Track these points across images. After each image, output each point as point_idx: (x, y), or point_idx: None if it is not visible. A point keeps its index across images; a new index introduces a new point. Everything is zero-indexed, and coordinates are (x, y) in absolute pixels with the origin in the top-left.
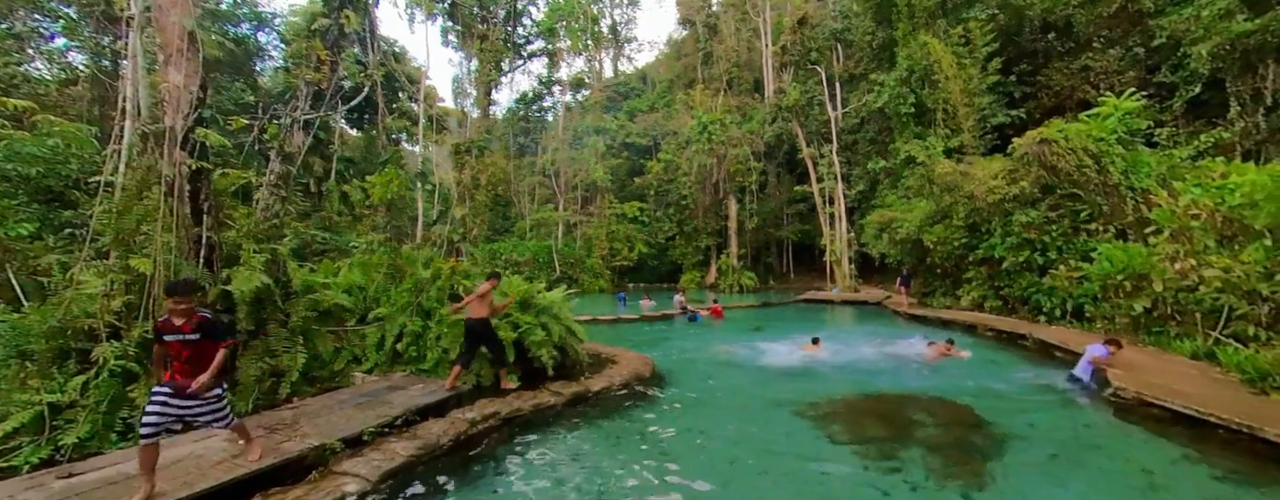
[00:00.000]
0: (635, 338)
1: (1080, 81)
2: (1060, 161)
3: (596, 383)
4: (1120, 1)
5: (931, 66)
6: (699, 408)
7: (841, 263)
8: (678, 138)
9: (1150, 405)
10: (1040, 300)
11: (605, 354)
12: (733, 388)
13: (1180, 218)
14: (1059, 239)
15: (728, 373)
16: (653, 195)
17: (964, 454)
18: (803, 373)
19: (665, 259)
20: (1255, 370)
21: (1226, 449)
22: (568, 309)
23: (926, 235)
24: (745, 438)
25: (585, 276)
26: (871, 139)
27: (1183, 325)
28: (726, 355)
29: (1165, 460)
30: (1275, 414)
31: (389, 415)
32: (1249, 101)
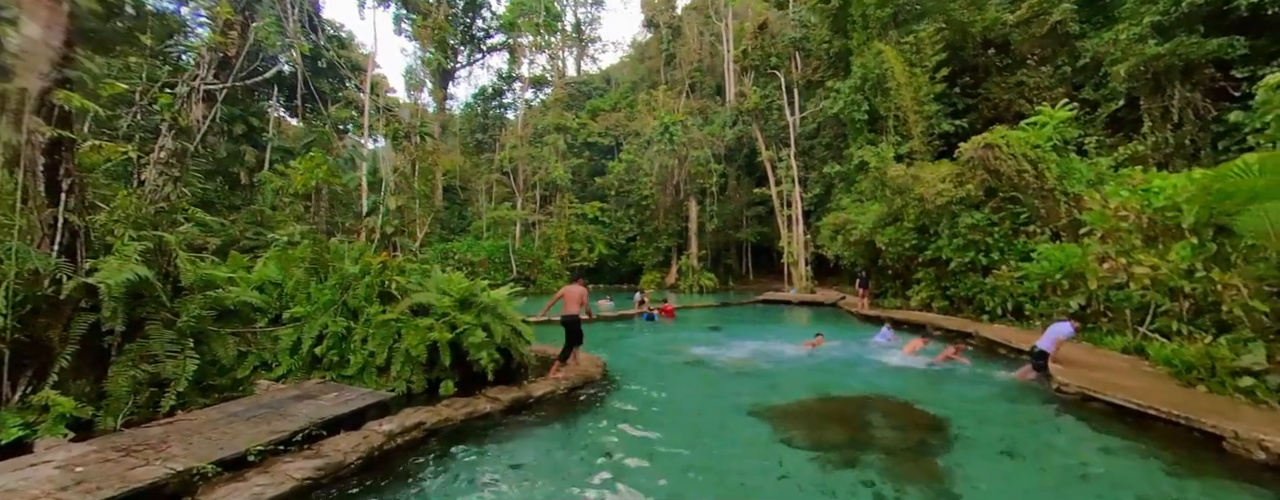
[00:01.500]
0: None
1: (1016, 95)
2: (1002, 166)
3: (540, 386)
4: (1051, 23)
5: (884, 75)
6: (651, 412)
7: (798, 264)
8: (640, 138)
9: (1092, 400)
10: (984, 299)
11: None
12: (687, 390)
13: (1110, 219)
14: (1001, 240)
15: (682, 374)
16: (614, 195)
17: (921, 456)
18: (758, 374)
19: (626, 260)
20: (1182, 363)
21: (1167, 441)
22: (513, 308)
23: (879, 237)
24: (700, 444)
25: (543, 277)
26: (827, 144)
27: (1114, 321)
28: (683, 356)
29: (1108, 454)
30: (1207, 405)
31: (287, 430)
32: (1159, 118)
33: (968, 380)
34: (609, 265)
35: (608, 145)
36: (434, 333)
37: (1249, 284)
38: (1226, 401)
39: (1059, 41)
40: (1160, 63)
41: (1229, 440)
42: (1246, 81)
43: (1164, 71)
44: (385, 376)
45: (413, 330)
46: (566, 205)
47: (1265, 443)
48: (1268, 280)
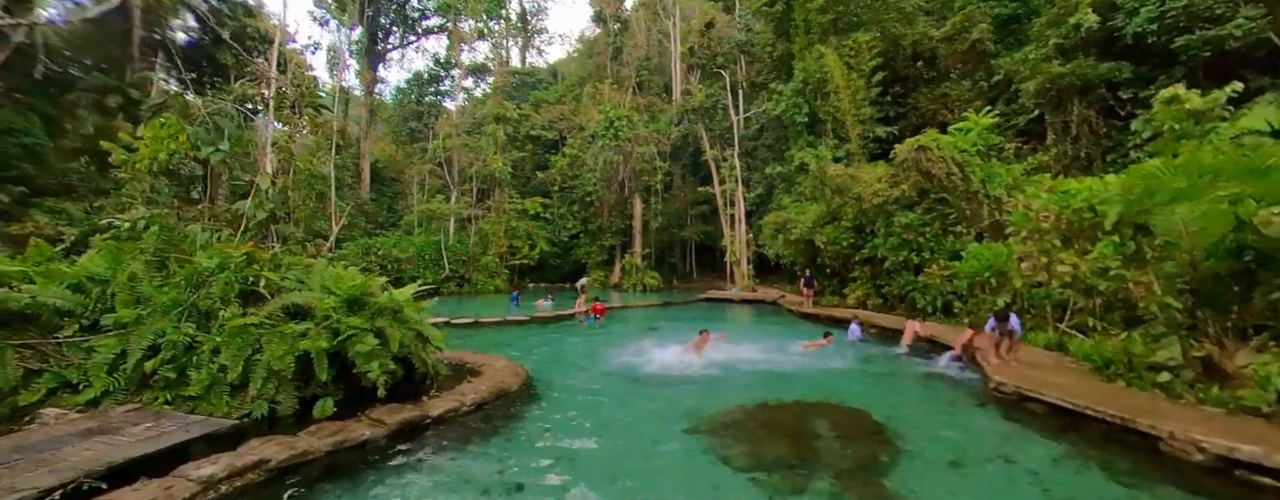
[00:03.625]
0: (522, 342)
1: (940, 106)
2: (934, 168)
3: (442, 403)
4: (971, 41)
5: (824, 78)
6: (575, 430)
7: (740, 263)
8: (584, 133)
9: (1028, 399)
10: (916, 297)
11: (472, 363)
12: (619, 400)
13: (1032, 221)
14: (932, 240)
15: (616, 382)
16: (557, 191)
17: (870, 475)
18: (697, 379)
19: (569, 258)
20: (1101, 358)
21: (1105, 443)
22: (417, 309)
23: (818, 236)
24: (629, 470)
25: (479, 275)
26: (769, 146)
27: (1036, 318)
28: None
29: (1051, 460)
30: (1137, 403)
31: (38, 486)
32: (1061, 131)
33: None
34: (551, 263)
35: (552, 139)
36: (308, 340)
37: (1163, 281)
38: (1147, 397)
39: (978, 58)
40: (1062, 81)
41: (1166, 441)
42: (1130, 101)
43: (1065, 90)
44: (241, 396)
45: (278, 338)
46: (506, 200)
47: (1202, 444)
48: (1180, 278)
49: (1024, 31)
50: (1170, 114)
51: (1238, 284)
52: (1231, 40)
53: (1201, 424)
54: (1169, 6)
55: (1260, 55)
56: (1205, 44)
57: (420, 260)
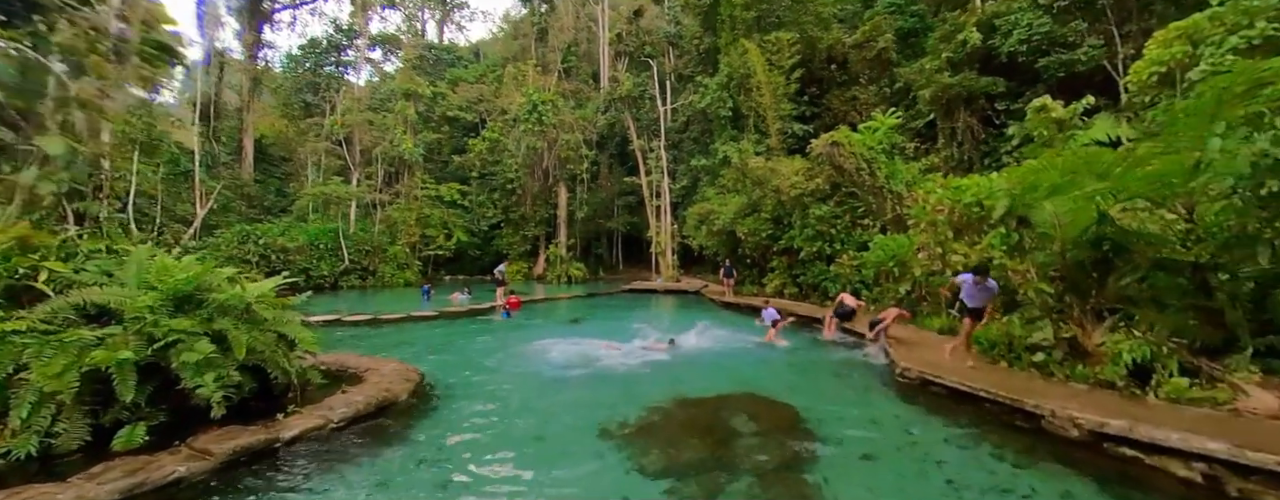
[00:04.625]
0: (427, 340)
1: (850, 108)
2: (845, 163)
3: (301, 421)
4: (877, 49)
5: (748, 74)
6: (471, 445)
7: (666, 254)
8: (506, 116)
9: (931, 384)
10: (828, 286)
11: (355, 369)
12: (527, 405)
13: (929, 214)
14: (842, 232)
15: (526, 383)
16: (476, 177)
17: (789, 472)
18: (615, 375)
19: (489, 248)
20: (987, 341)
21: (997, 423)
22: (280, 306)
23: (739, 227)
24: (532, 489)
25: (386, 267)
26: (695, 138)
27: (932, 304)
28: (533, 358)
29: (954, 445)
30: (1018, 383)
31: None
32: (949, 136)
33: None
34: (470, 254)
35: (471, 122)
36: (102, 351)
37: (1037, 269)
38: (1026, 376)
39: (883, 66)
40: (951, 91)
41: (1047, 418)
42: (1005, 112)
43: (953, 99)
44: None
45: (56, 350)
46: (418, 185)
47: (1078, 420)
48: (1052, 266)
49: (922, 44)
50: (1039, 121)
51: (1096, 271)
52: (1078, 64)
53: (1073, 400)
54: (1034, 31)
55: (1099, 79)
56: (1060, 66)
57: (313, 250)
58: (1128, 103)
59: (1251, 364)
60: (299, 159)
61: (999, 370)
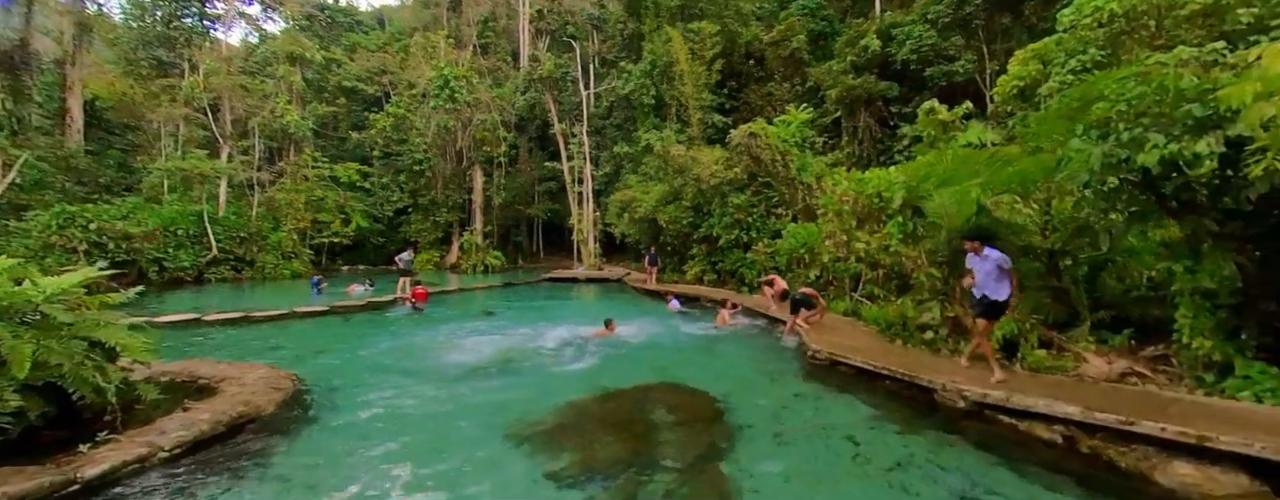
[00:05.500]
0: (313, 339)
1: (766, 103)
2: (762, 153)
3: (115, 452)
4: (791, 49)
5: (671, 62)
6: (355, 463)
7: (588, 242)
8: (414, 91)
9: (839, 364)
10: (744, 272)
11: (208, 378)
12: (427, 410)
13: (836, 204)
14: (758, 220)
15: (427, 384)
16: (379, 157)
17: (707, 465)
18: (528, 370)
19: (396, 235)
20: (884, 322)
21: (896, 397)
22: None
23: (661, 214)
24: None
25: (267, 257)
26: (618, 125)
27: (837, 288)
28: (435, 355)
29: (861, 422)
30: (913, 360)
31: None
32: (852, 134)
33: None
34: (372, 242)
35: (372, 95)
36: None
37: (927, 255)
38: (918, 353)
39: (796, 65)
40: (854, 92)
41: (938, 392)
42: (897, 114)
43: (856, 100)
44: None
45: None
46: (308, 163)
47: (965, 392)
48: (939, 252)
49: (830, 47)
50: (927, 122)
51: None
52: (957, 75)
53: (958, 373)
54: (923, 43)
55: (972, 89)
56: (943, 75)
57: (170, 238)
58: (993, 111)
59: (1089, 335)
60: (149, 128)
61: (896, 348)
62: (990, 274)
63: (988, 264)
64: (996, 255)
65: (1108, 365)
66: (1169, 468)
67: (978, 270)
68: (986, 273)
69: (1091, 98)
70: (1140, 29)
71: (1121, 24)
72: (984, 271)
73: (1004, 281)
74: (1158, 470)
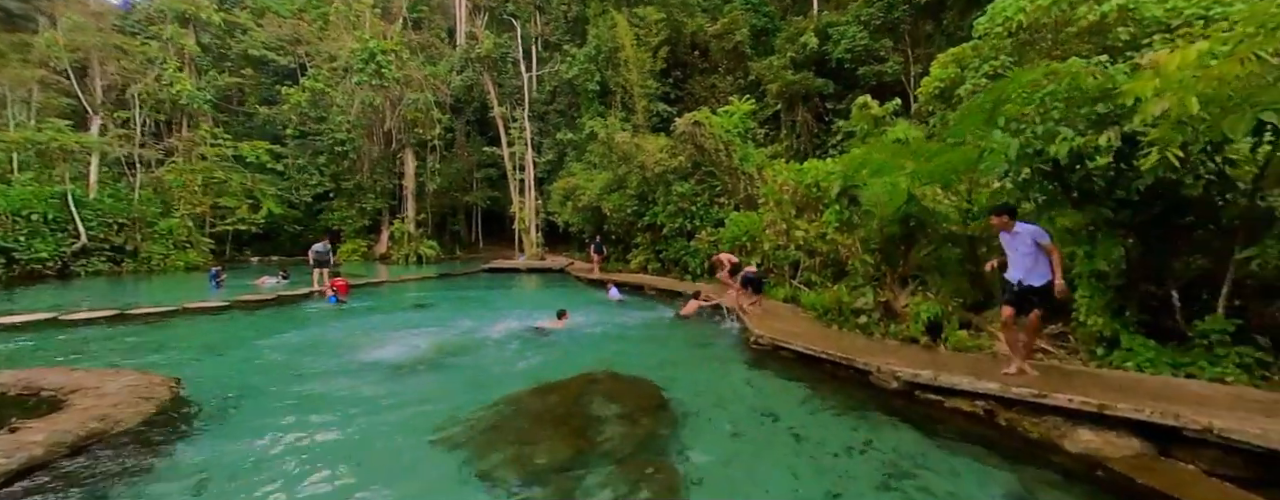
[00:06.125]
0: (206, 339)
1: (710, 95)
2: (706, 142)
3: None
4: (735, 42)
5: (616, 48)
6: (243, 478)
7: (530, 231)
8: (334, 64)
9: (780, 349)
10: (688, 260)
11: (57, 388)
12: (338, 413)
13: (777, 193)
14: (702, 209)
15: (345, 384)
16: (294, 136)
17: (653, 459)
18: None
19: (316, 223)
20: (821, 307)
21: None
22: None
23: (605, 203)
24: None
25: (156, 246)
26: (562, 111)
27: (777, 275)
28: (355, 353)
29: (802, 406)
30: (848, 343)
31: None
32: (791, 127)
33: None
34: (288, 230)
35: (285, 66)
36: None
37: (861, 243)
38: (853, 336)
39: (739, 58)
40: (793, 88)
41: (873, 374)
42: (832, 110)
43: (794, 95)
44: None
45: None
46: (205, 140)
47: (897, 373)
48: (872, 240)
49: (772, 43)
50: (860, 116)
51: (903, 244)
52: (886, 75)
53: (890, 355)
54: (856, 43)
55: (899, 90)
56: (873, 75)
57: (19, 223)
58: (917, 111)
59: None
60: None
61: (833, 333)
62: (1026, 254)
63: (1021, 241)
64: (1031, 230)
65: None
66: (1075, 435)
67: (1011, 250)
68: (1022, 253)
69: (1007, 95)
70: (1040, 40)
71: (1025, 35)
72: (1018, 251)
73: (1042, 263)
74: (1066, 438)
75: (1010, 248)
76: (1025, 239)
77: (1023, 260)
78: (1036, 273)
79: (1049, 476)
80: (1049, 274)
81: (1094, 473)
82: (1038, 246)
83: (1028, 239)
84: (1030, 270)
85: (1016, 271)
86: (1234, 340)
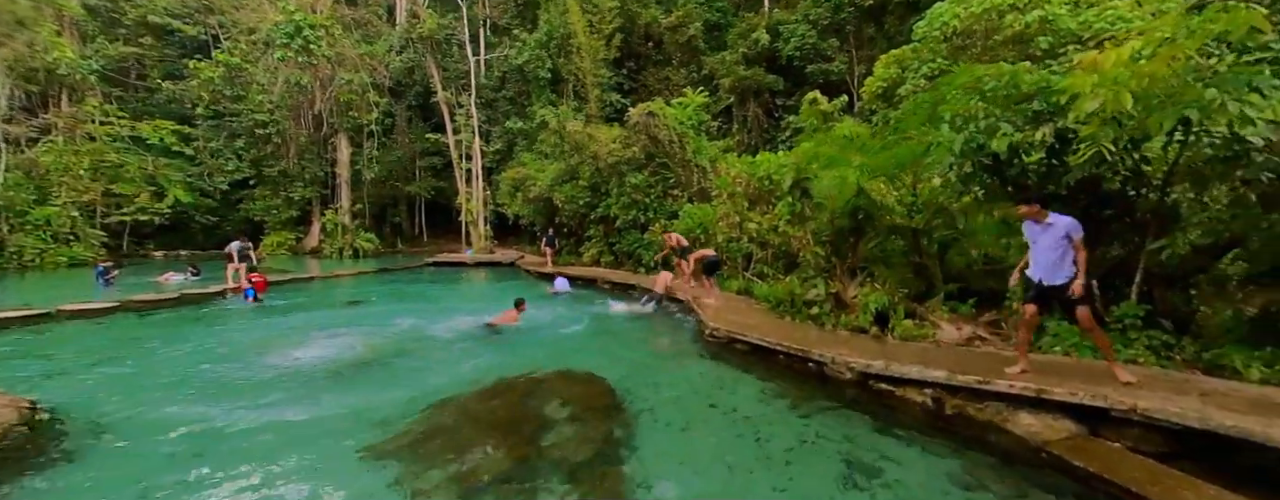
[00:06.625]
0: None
1: (664, 87)
2: (660, 133)
3: None
4: (689, 35)
5: (568, 34)
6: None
7: (478, 223)
8: (254, 38)
9: (736, 341)
10: (641, 253)
11: None
12: (247, 427)
13: (730, 185)
14: (655, 201)
15: (253, 393)
16: (206, 116)
17: (605, 465)
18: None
19: (233, 214)
20: (774, 299)
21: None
22: None
23: (557, 194)
24: None
25: (29, 239)
26: (511, 99)
27: (731, 267)
28: (274, 358)
29: (759, 400)
30: (802, 335)
31: None
32: (743, 122)
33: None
34: (200, 221)
35: (194, 38)
36: None
37: (812, 235)
38: (806, 328)
39: (693, 52)
40: (745, 83)
41: (828, 365)
42: (782, 106)
43: (746, 90)
44: None
45: None
46: (92, 116)
47: (851, 364)
48: (824, 232)
49: (724, 38)
50: (809, 112)
51: (852, 236)
52: (832, 74)
53: (842, 346)
54: (805, 41)
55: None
56: (821, 73)
57: None
58: (860, 109)
59: (943, 305)
60: None
61: (786, 324)
62: (1051, 249)
63: (1052, 235)
64: (1066, 222)
65: (958, 331)
66: (1016, 419)
67: (1034, 244)
68: (1047, 247)
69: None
70: (971, 46)
71: (959, 40)
72: (1043, 246)
73: (1067, 259)
74: (1009, 422)
75: (1034, 241)
76: (1058, 232)
77: (1047, 255)
78: (1061, 271)
79: (994, 461)
80: (1068, 272)
81: (1038, 456)
82: (1066, 240)
83: (1062, 231)
84: (1054, 266)
85: (1038, 269)
86: (1144, 325)
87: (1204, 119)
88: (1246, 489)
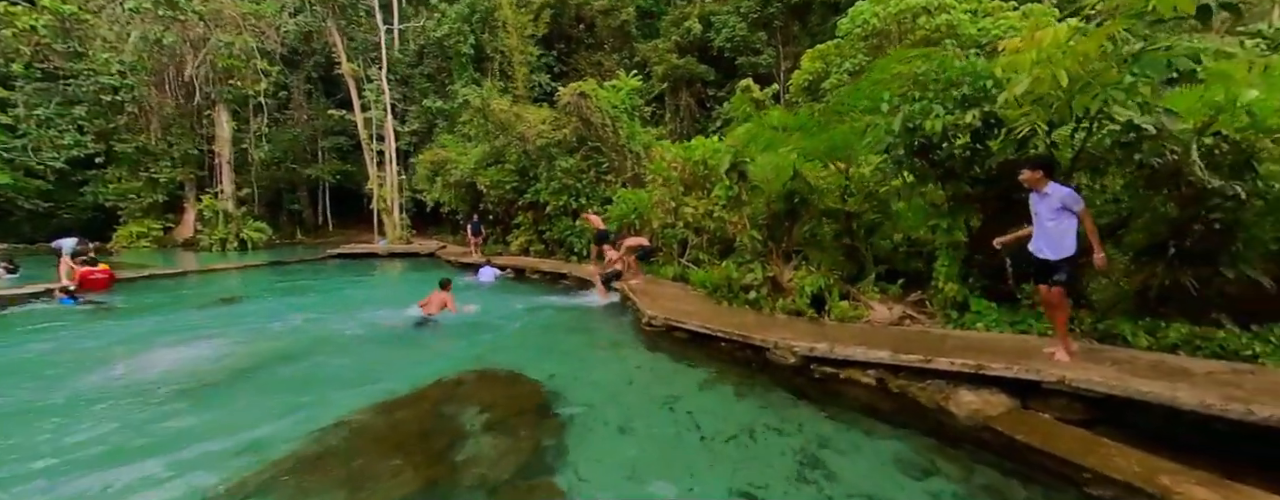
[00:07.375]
0: None
1: (595, 72)
2: (592, 116)
3: None
4: (621, 20)
5: (494, 8)
6: None
7: (392, 211)
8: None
9: (675, 329)
10: (573, 241)
11: None
12: (80, 459)
13: (665, 170)
14: (588, 186)
15: (86, 416)
16: (29, 77)
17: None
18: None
19: (76, 198)
20: (711, 285)
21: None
22: None
23: (481, 178)
24: None
25: None
26: (429, 76)
27: (666, 254)
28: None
29: (701, 390)
30: (741, 320)
31: None
32: (675, 110)
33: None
34: (26, 207)
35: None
36: None
37: (749, 219)
38: (744, 313)
39: (625, 38)
40: (677, 72)
41: (770, 350)
42: (713, 97)
43: (679, 79)
44: None
45: None
46: None
47: (794, 348)
48: (760, 216)
49: (657, 25)
50: (741, 100)
51: (787, 220)
52: (761, 67)
53: (781, 329)
54: (735, 33)
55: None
56: (751, 66)
57: None
58: (786, 101)
59: (873, 286)
60: None
61: (724, 309)
62: (1048, 219)
63: (1047, 205)
64: (1064, 193)
65: (888, 311)
66: (957, 397)
67: (1038, 215)
68: (1047, 218)
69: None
70: (888, 45)
71: (876, 39)
72: (1045, 217)
73: (1067, 231)
74: (950, 400)
75: (1037, 213)
76: (1053, 202)
77: (1048, 227)
78: (1062, 244)
79: (939, 443)
80: (1068, 247)
81: (981, 434)
82: (1063, 212)
83: (1056, 202)
84: (1057, 240)
85: (1040, 241)
86: None
87: (1116, 103)
88: (1148, 446)
